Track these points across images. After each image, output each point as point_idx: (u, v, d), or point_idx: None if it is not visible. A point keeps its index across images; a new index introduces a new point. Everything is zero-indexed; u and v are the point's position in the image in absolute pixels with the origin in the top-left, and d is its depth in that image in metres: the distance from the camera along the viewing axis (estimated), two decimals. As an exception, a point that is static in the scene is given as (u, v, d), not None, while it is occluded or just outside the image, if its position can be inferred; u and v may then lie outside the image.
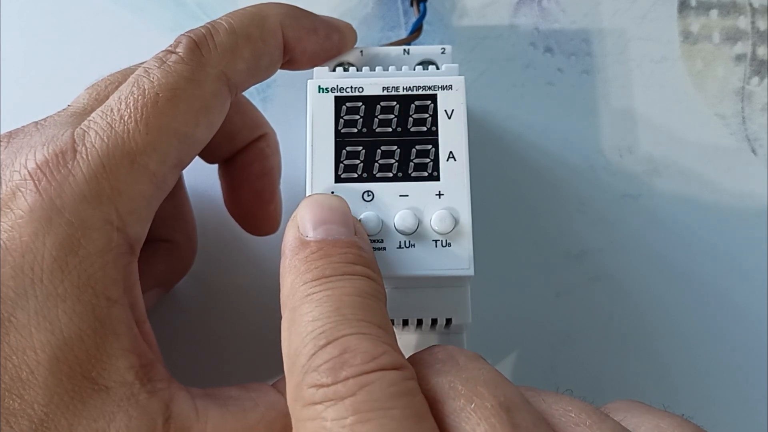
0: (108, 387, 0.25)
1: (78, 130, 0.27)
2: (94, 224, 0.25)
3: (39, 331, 0.24)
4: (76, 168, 0.26)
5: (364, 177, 0.30)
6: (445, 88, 0.31)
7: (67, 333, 0.24)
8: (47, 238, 0.25)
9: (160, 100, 0.27)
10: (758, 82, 0.40)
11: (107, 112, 0.27)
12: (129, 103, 0.27)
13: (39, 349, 0.24)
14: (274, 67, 0.32)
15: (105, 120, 0.27)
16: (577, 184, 0.38)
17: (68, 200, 0.25)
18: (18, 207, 0.25)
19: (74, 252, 0.25)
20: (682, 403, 0.35)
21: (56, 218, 0.25)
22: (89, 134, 0.26)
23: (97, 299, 0.25)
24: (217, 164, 0.36)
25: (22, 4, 0.42)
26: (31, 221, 0.25)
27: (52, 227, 0.25)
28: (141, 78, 0.27)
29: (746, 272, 0.37)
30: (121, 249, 0.26)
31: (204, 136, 0.29)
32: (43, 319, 0.24)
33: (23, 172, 0.26)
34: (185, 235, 0.35)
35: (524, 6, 0.41)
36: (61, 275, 0.25)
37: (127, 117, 0.27)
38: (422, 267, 0.29)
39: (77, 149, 0.26)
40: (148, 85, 0.27)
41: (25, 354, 0.24)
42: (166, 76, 0.27)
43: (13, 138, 0.28)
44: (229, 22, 0.30)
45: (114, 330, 0.25)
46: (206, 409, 0.26)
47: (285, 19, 0.31)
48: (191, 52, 0.28)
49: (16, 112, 0.40)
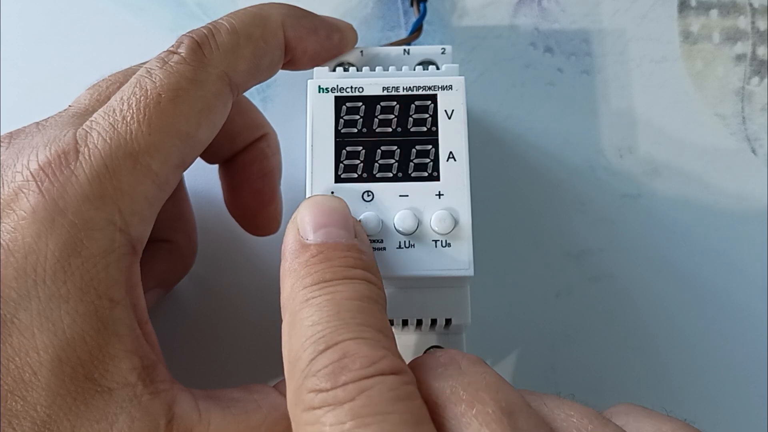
0: (111, 388, 0.25)
1: (80, 130, 0.26)
2: (97, 225, 0.25)
3: (42, 333, 0.24)
4: (78, 169, 0.26)
5: (364, 177, 0.30)
6: (445, 88, 0.31)
7: (70, 334, 0.24)
8: (50, 239, 0.25)
9: (163, 101, 0.27)
10: (758, 82, 0.40)
11: (109, 113, 0.27)
12: (131, 104, 0.27)
13: (42, 351, 0.24)
14: (275, 67, 0.32)
15: (107, 120, 0.27)
16: (577, 184, 0.38)
17: (71, 201, 0.25)
18: (20, 208, 0.25)
19: (77, 253, 0.25)
20: (681, 403, 0.35)
21: (59, 219, 0.25)
22: (91, 135, 0.26)
23: (99, 300, 0.25)
24: (218, 164, 0.36)
25: (22, 4, 0.42)
26: (34, 222, 0.25)
27: (54, 228, 0.25)
28: (143, 78, 0.27)
29: (746, 272, 0.37)
30: (123, 250, 0.26)
31: (206, 136, 0.29)
32: (45, 320, 0.24)
33: (25, 173, 0.26)
34: (186, 235, 0.35)
35: (524, 6, 0.41)
36: (63, 276, 0.25)
37: (130, 117, 0.27)
38: (422, 267, 0.29)
39: (80, 150, 0.26)
40: (150, 86, 0.27)
41: (28, 355, 0.24)
42: (169, 76, 0.27)
43: (14, 138, 0.27)
44: (230, 22, 0.30)
45: (116, 331, 0.25)
46: (209, 410, 0.26)
47: (286, 19, 0.31)
48: (193, 53, 0.28)
49: (16, 112, 0.40)
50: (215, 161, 0.36)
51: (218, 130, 0.29)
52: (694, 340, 0.36)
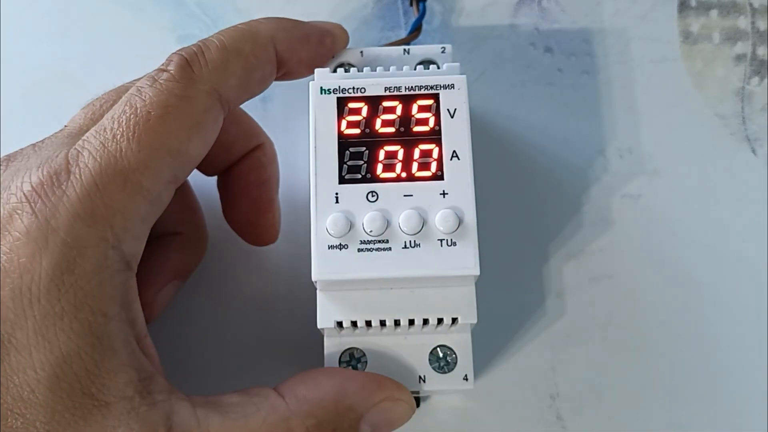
0: (108, 402, 0.25)
1: (72, 150, 0.27)
2: (89, 242, 0.26)
3: (38, 350, 0.24)
4: (69, 188, 0.26)
5: (368, 177, 0.30)
6: (447, 87, 0.31)
7: (66, 351, 0.25)
8: (44, 258, 0.25)
9: (152, 118, 0.27)
10: (758, 82, 0.40)
11: (100, 132, 0.27)
12: (121, 122, 0.27)
13: (39, 368, 0.24)
14: (267, 82, 0.32)
15: (98, 139, 0.27)
16: (577, 184, 0.39)
17: (63, 220, 0.25)
18: (15, 229, 0.25)
19: (70, 270, 0.25)
20: (681, 403, 0.35)
21: (52, 238, 0.25)
22: (83, 154, 0.27)
23: (94, 316, 0.25)
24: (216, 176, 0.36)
25: (22, 4, 0.42)
26: (28, 242, 0.25)
27: (48, 247, 0.25)
28: (133, 97, 0.28)
29: (746, 272, 0.37)
30: (116, 266, 0.26)
31: (198, 151, 0.29)
32: (41, 338, 0.25)
33: (19, 195, 0.26)
34: (194, 225, 0.35)
35: (524, 6, 0.41)
36: (57, 294, 0.25)
37: (120, 136, 0.27)
38: (428, 267, 0.29)
39: (71, 170, 0.26)
40: (140, 104, 0.27)
41: (26, 373, 0.24)
42: (158, 94, 0.28)
43: (11, 161, 0.28)
44: (220, 39, 0.30)
45: (112, 346, 0.26)
46: (207, 417, 0.26)
47: (276, 32, 0.31)
48: (182, 70, 0.29)
49: (16, 113, 0.40)
50: (212, 173, 0.36)
51: (210, 145, 0.30)
52: (693, 340, 0.36)
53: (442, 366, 0.31)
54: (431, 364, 0.31)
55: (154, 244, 0.28)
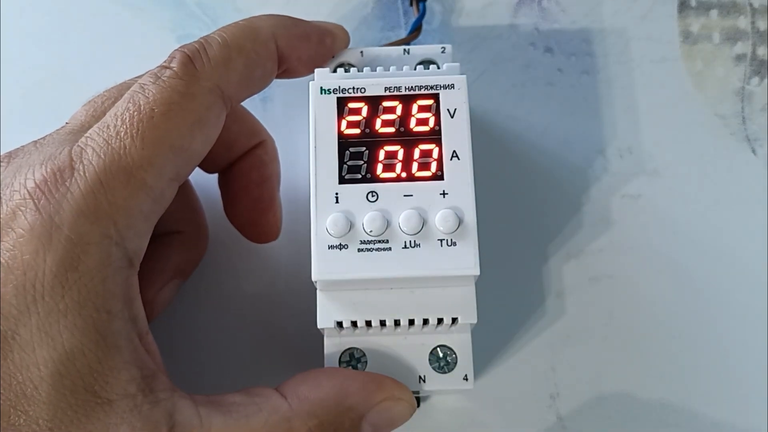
0: (111, 400, 0.25)
1: (75, 147, 0.27)
2: (93, 239, 0.26)
3: (41, 347, 0.24)
4: (73, 185, 0.26)
5: (368, 177, 0.30)
6: (448, 87, 0.31)
7: (69, 348, 0.25)
8: (47, 255, 0.25)
9: (155, 115, 0.27)
10: (758, 82, 0.40)
11: (104, 129, 0.27)
12: (125, 119, 0.27)
13: (42, 365, 0.24)
14: (268, 78, 0.32)
15: (101, 136, 0.27)
16: (577, 184, 0.39)
17: (66, 217, 0.25)
18: (19, 226, 0.25)
19: (74, 267, 0.25)
20: (681, 403, 0.35)
21: (56, 235, 0.25)
22: (86, 151, 0.27)
23: (97, 313, 0.25)
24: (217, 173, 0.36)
25: (22, 4, 0.42)
26: (32, 239, 0.25)
27: (51, 244, 0.25)
28: (136, 94, 0.28)
29: (746, 272, 0.37)
30: (120, 263, 0.26)
31: (200, 148, 0.29)
32: (45, 335, 0.25)
33: (23, 192, 0.26)
34: (195, 223, 0.36)
35: (524, 6, 0.41)
36: (61, 291, 0.25)
37: (123, 133, 0.27)
38: (428, 267, 0.29)
39: (75, 167, 0.26)
40: (143, 101, 0.27)
41: (29, 370, 0.24)
42: (161, 91, 0.28)
43: (13, 158, 0.28)
44: (221, 36, 0.30)
45: (115, 343, 0.26)
46: (209, 416, 0.26)
47: (277, 30, 0.31)
48: (184, 67, 0.29)
49: (16, 113, 0.40)
50: (214, 170, 0.36)
51: (213, 142, 0.30)
52: (694, 339, 0.36)
53: (442, 366, 0.31)
54: (431, 364, 0.31)
55: (156, 242, 0.28)
